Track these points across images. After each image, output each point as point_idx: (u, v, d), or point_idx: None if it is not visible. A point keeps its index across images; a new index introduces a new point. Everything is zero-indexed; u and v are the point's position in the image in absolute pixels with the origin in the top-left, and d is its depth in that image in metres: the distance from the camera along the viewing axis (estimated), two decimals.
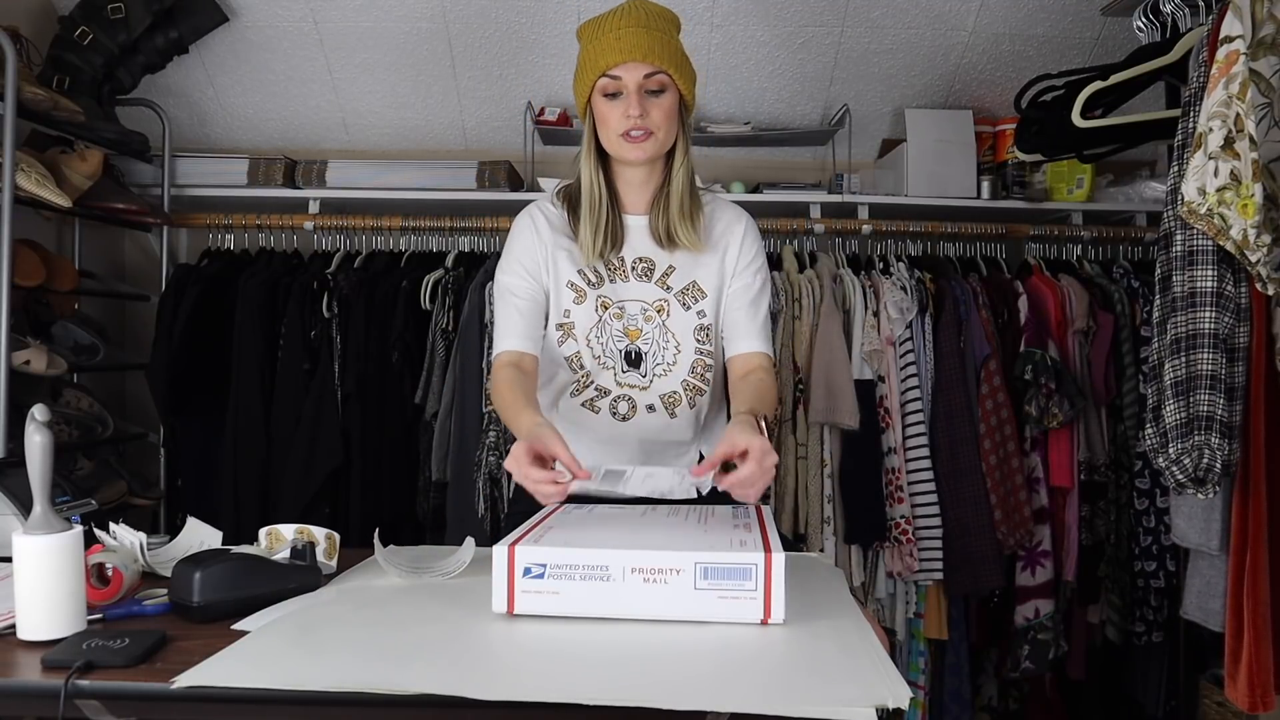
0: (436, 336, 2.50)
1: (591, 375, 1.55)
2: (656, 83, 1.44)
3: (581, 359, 1.54)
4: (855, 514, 2.44)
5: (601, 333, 1.53)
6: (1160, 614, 2.46)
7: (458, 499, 2.42)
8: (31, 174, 2.11)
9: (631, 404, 1.55)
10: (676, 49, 1.47)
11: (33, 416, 1.06)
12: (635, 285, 1.54)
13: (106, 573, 1.19)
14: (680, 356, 1.55)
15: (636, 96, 1.43)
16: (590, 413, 1.55)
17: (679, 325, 1.54)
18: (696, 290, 1.54)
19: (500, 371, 1.48)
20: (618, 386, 1.55)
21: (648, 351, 1.54)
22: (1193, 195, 1.60)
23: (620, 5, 1.49)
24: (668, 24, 1.48)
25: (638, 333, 1.54)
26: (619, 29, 1.44)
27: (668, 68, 1.44)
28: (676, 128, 1.49)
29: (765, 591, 1.05)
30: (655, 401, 1.55)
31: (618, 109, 1.45)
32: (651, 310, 1.54)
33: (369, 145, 3.00)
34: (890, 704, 0.83)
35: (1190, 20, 2.06)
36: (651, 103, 1.45)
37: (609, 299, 1.54)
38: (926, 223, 2.74)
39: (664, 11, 1.49)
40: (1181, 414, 1.65)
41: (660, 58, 1.43)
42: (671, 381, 1.55)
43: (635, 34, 1.43)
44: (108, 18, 2.45)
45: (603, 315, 1.53)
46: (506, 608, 1.08)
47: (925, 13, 2.66)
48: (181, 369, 2.51)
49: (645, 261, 1.54)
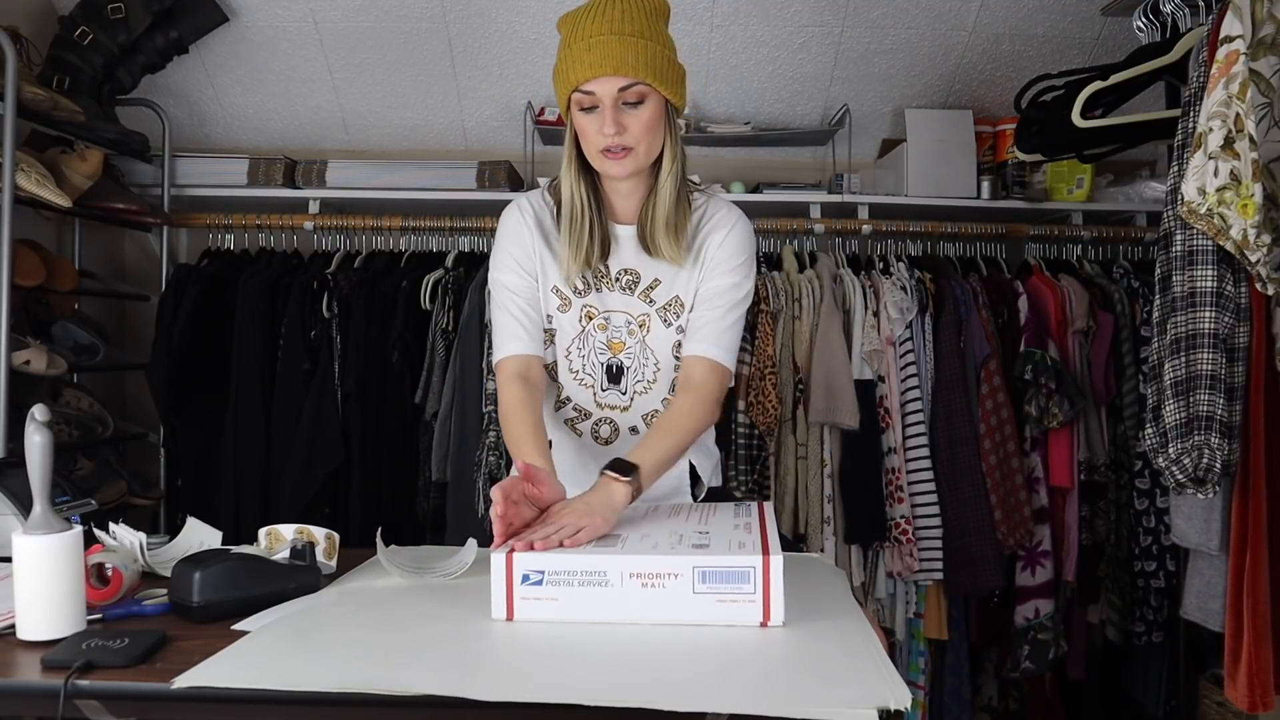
0: (436, 336, 2.50)
1: (565, 390, 1.48)
2: (634, 94, 1.32)
3: (557, 370, 1.48)
4: (855, 514, 2.44)
5: (584, 344, 1.47)
6: (1160, 614, 2.46)
7: (458, 499, 2.42)
8: (31, 174, 2.11)
9: (614, 427, 1.49)
10: (655, 53, 1.32)
11: (33, 416, 1.06)
12: (620, 296, 1.45)
13: (106, 573, 1.19)
14: (660, 374, 1.47)
15: (612, 112, 1.32)
16: (572, 434, 1.49)
17: (658, 341, 1.46)
18: (678, 305, 1.45)
19: (507, 388, 1.40)
20: (598, 409, 1.48)
21: (630, 367, 1.46)
22: (1193, 195, 1.60)
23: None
24: (649, 21, 1.34)
25: (621, 345, 1.46)
26: (590, 37, 1.31)
27: (644, 78, 1.31)
28: (661, 136, 1.37)
29: (764, 594, 1.05)
30: (638, 423, 1.48)
31: (594, 124, 1.34)
32: (635, 324, 1.46)
33: (369, 145, 3.00)
34: (891, 705, 0.83)
35: (1190, 20, 2.06)
36: (629, 116, 1.33)
37: (594, 309, 1.46)
38: (926, 223, 2.74)
39: (649, 4, 1.35)
40: (1181, 414, 1.65)
41: (635, 68, 1.30)
42: (653, 400, 1.48)
43: (607, 43, 1.30)
44: (108, 18, 2.45)
45: (586, 326, 1.46)
46: (506, 614, 1.08)
47: (925, 13, 2.66)
48: (181, 369, 2.51)
49: (630, 274, 1.45)
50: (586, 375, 1.47)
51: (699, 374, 1.41)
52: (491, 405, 2.38)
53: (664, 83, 1.34)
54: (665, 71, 1.34)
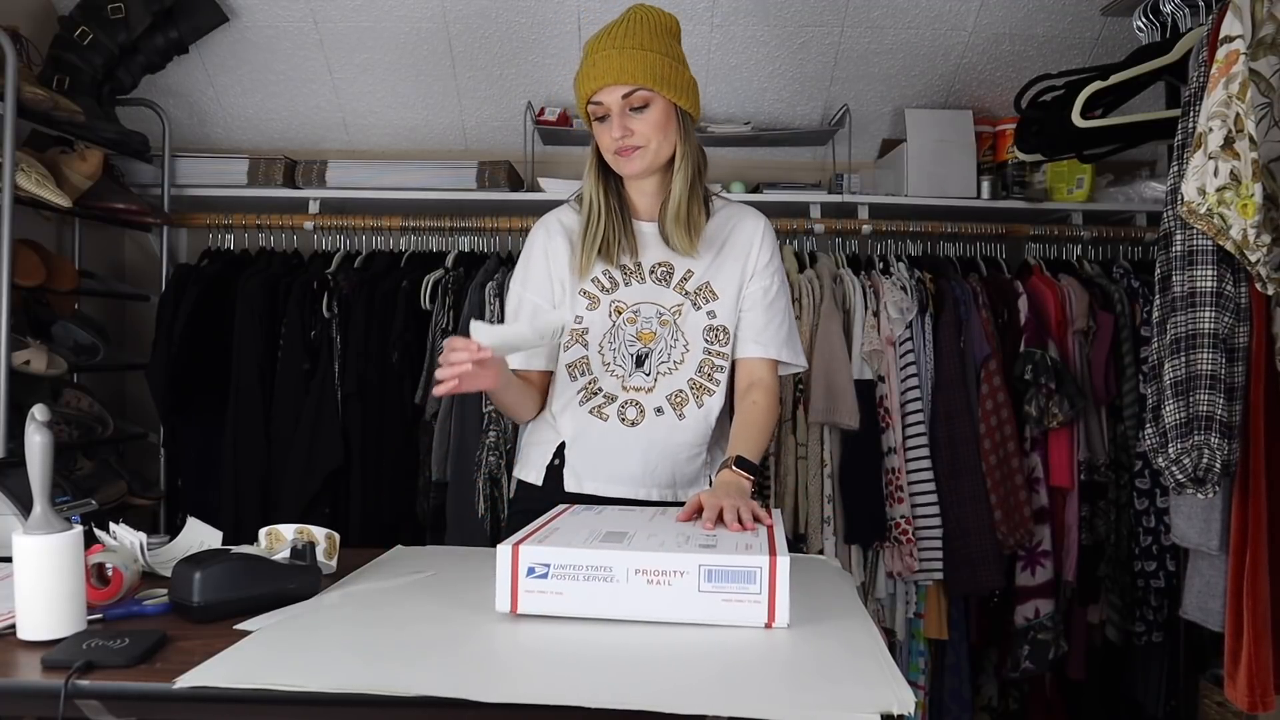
0: (436, 336, 2.50)
1: (598, 380, 1.55)
2: (638, 99, 1.45)
3: (589, 364, 1.55)
4: (855, 514, 2.44)
5: (614, 338, 1.54)
6: (1160, 614, 2.46)
7: (458, 499, 2.42)
8: (31, 174, 2.11)
9: (640, 409, 1.54)
10: (656, 61, 1.45)
11: (33, 416, 1.06)
12: (653, 289, 1.55)
13: (106, 573, 1.19)
14: (688, 355, 1.54)
15: (619, 118, 1.46)
16: (598, 420, 1.54)
17: (689, 325, 1.55)
18: (709, 292, 1.55)
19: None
20: (624, 391, 1.54)
21: (655, 349, 1.55)
22: (1192, 195, 1.60)
23: (613, 20, 1.50)
24: (654, 36, 1.47)
25: (651, 335, 1.54)
26: (596, 53, 1.46)
27: (645, 83, 1.44)
28: (672, 137, 1.50)
29: (770, 595, 1.05)
30: (663, 403, 1.54)
31: (606, 131, 1.48)
32: (669, 314, 1.54)
33: (369, 145, 3.00)
34: (895, 710, 0.83)
35: (1190, 20, 2.06)
36: (635, 120, 1.47)
37: (623, 303, 1.54)
38: (926, 223, 2.74)
39: (656, 23, 1.49)
40: (1181, 414, 1.65)
41: (635, 76, 1.44)
42: (678, 380, 1.54)
43: (609, 57, 1.44)
44: (108, 18, 2.45)
45: (616, 320, 1.54)
46: (510, 607, 1.08)
47: (925, 13, 2.66)
48: (181, 369, 2.51)
49: (664, 266, 1.56)
50: (617, 366, 1.55)
51: (759, 372, 1.57)
52: (491, 405, 2.38)
53: (666, 87, 1.46)
54: (668, 78, 1.46)
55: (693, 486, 1.56)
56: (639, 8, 1.51)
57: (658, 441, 1.53)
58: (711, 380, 1.55)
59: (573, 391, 1.56)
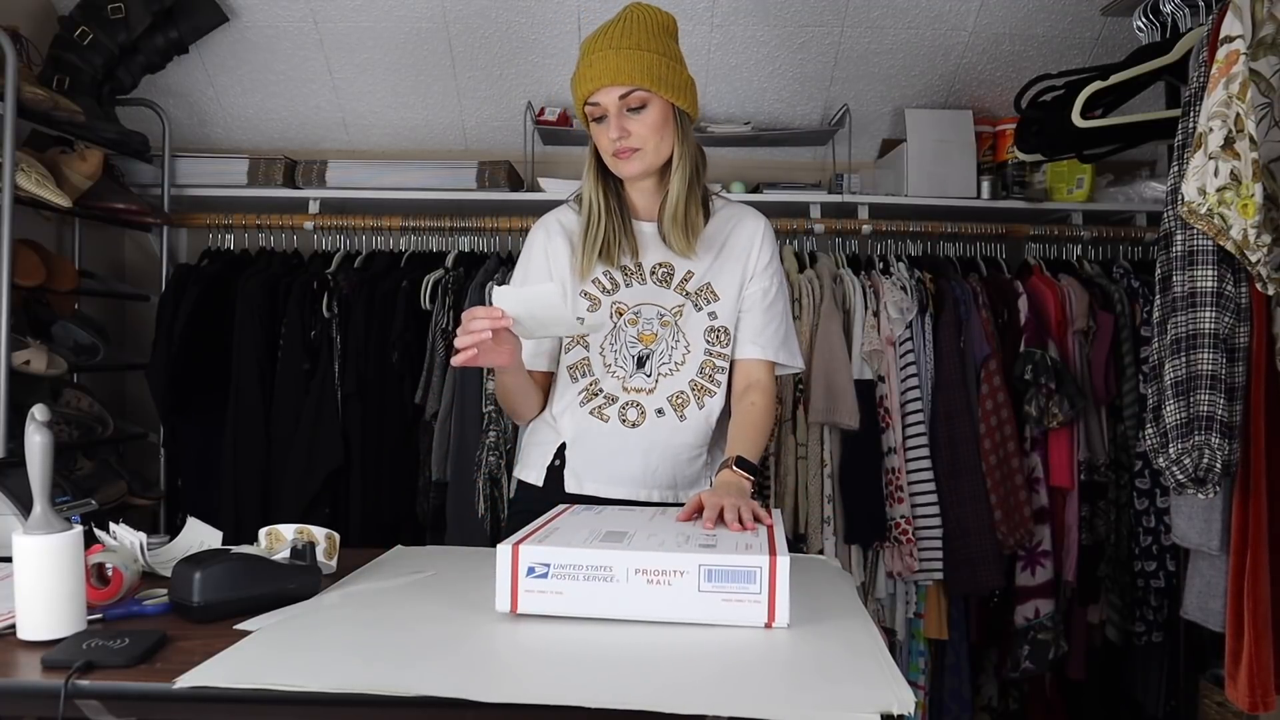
0: (436, 336, 2.50)
1: (599, 381, 1.54)
2: (636, 100, 1.44)
3: (590, 365, 1.54)
4: (855, 514, 2.44)
5: (615, 339, 1.54)
6: (1160, 614, 2.46)
7: (458, 499, 2.42)
8: (31, 174, 2.11)
9: (640, 410, 1.53)
10: (652, 61, 1.43)
11: (33, 416, 1.06)
12: (654, 290, 1.54)
13: (106, 573, 1.19)
14: (689, 357, 1.54)
15: (616, 119, 1.45)
16: (599, 421, 1.54)
17: (690, 326, 1.54)
18: (710, 292, 1.55)
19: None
20: (625, 392, 1.53)
21: (657, 351, 1.54)
22: (1193, 195, 1.60)
23: (610, 20, 1.48)
24: (650, 36, 1.45)
25: (652, 337, 1.54)
26: (593, 54, 1.45)
27: (641, 84, 1.43)
28: (670, 138, 1.48)
29: (770, 595, 1.04)
30: (664, 405, 1.53)
31: (604, 132, 1.47)
32: (669, 315, 1.54)
33: (369, 145, 3.00)
34: (895, 710, 0.83)
35: (1190, 20, 2.06)
36: (632, 120, 1.45)
37: (624, 305, 1.54)
38: (926, 223, 2.74)
39: (652, 22, 1.47)
40: (1182, 414, 1.65)
41: (631, 76, 1.42)
42: (679, 381, 1.54)
43: (605, 57, 1.43)
44: (108, 18, 2.45)
45: (617, 321, 1.54)
46: (510, 607, 1.08)
47: (925, 13, 2.66)
48: (181, 369, 2.51)
49: (664, 267, 1.55)
50: (618, 367, 1.54)
51: (757, 373, 1.56)
52: (491, 405, 2.38)
53: (664, 87, 1.44)
54: (666, 78, 1.45)
55: (693, 488, 1.55)
56: (635, 7, 1.50)
57: (659, 443, 1.53)
58: (712, 381, 1.55)
59: (574, 393, 1.55)
